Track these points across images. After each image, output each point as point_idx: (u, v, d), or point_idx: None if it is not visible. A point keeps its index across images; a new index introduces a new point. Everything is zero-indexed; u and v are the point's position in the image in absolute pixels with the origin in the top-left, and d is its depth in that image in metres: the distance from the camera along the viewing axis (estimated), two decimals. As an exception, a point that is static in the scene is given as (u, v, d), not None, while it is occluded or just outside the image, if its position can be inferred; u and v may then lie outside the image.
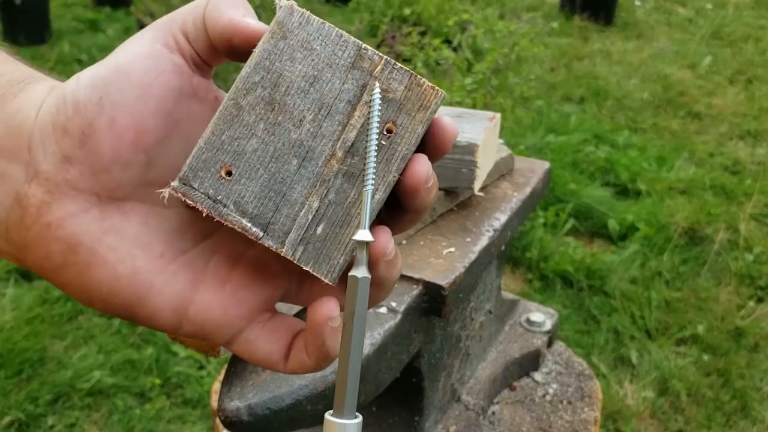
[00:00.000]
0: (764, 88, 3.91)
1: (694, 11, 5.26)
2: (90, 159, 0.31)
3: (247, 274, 0.34)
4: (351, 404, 0.30)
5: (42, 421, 1.70)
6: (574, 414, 0.86)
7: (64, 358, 1.86)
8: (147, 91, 0.32)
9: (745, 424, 1.83)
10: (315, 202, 0.32)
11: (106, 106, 0.31)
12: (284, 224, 0.32)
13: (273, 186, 0.32)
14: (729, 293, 2.30)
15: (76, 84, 0.32)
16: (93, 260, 0.32)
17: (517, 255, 2.39)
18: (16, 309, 2.01)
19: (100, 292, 0.32)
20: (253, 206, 0.32)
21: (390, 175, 0.32)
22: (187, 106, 0.33)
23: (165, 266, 0.33)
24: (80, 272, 0.32)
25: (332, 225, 0.32)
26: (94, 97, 0.31)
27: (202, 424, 1.72)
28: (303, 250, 0.32)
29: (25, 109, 0.32)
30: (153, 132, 0.32)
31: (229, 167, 0.32)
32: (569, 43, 4.44)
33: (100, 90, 0.31)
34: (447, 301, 0.64)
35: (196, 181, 0.32)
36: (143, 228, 0.33)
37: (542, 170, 0.89)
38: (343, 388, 0.30)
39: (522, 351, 0.91)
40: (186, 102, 0.33)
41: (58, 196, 0.31)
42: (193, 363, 1.88)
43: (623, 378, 1.95)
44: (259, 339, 0.34)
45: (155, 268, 0.33)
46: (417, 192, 0.32)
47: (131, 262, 0.32)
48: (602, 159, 2.95)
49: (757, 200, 2.75)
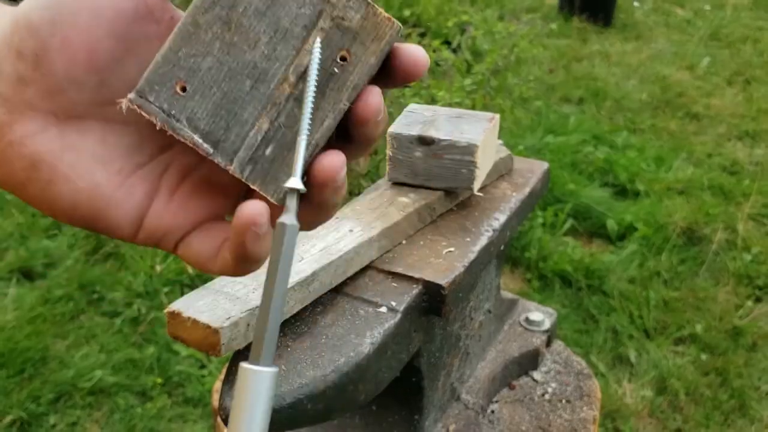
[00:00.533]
0: (762, 89, 3.92)
1: (692, 12, 5.27)
2: (45, 80, 0.32)
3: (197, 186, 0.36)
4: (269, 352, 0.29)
5: (44, 420, 1.71)
6: (573, 413, 0.87)
7: (65, 358, 1.87)
8: (99, 12, 0.32)
9: (743, 423, 1.83)
10: (265, 123, 0.33)
11: (58, 27, 0.32)
12: (234, 143, 0.33)
13: (225, 105, 0.33)
14: (727, 293, 2.31)
15: (29, 5, 0.32)
16: (54, 176, 0.33)
17: (516, 255, 2.40)
18: (18, 308, 2.02)
19: (62, 206, 0.34)
20: (205, 123, 0.33)
21: (341, 104, 0.32)
22: (141, 26, 0.34)
23: (123, 180, 0.34)
24: (43, 188, 0.33)
25: (281, 147, 0.33)
26: (46, 16, 0.32)
27: (203, 423, 1.73)
28: (251, 170, 0.33)
29: None
30: (106, 52, 0.33)
31: (184, 83, 0.33)
32: (568, 45, 4.45)
33: (53, 11, 0.32)
34: (447, 300, 0.65)
35: (152, 94, 0.33)
36: (101, 144, 0.34)
37: (541, 171, 0.90)
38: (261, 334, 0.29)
39: (521, 350, 0.92)
40: (141, 23, 0.33)
41: (17, 116, 0.33)
42: (195, 362, 1.89)
43: (622, 377, 1.96)
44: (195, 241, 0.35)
45: (114, 183, 0.34)
46: (366, 122, 0.32)
47: (91, 177, 0.34)
48: (601, 159, 2.96)
49: (755, 200, 2.76)
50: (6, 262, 2.23)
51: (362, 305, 0.63)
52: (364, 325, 0.61)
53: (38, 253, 2.26)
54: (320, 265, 0.62)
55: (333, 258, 0.63)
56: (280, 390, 0.55)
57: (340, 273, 0.65)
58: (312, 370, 0.56)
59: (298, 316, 0.61)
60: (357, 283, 0.66)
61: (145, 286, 2.14)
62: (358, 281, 0.66)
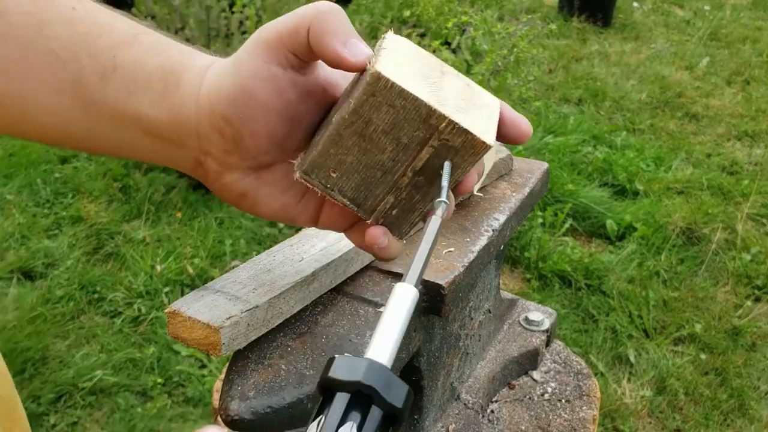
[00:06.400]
0: (761, 89, 3.93)
1: (691, 13, 5.27)
2: (241, 153, 0.47)
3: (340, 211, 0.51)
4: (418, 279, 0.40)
5: (44, 419, 1.71)
6: (572, 412, 0.87)
7: (66, 357, 1.88)
8: (273, 108, 0.45)
9: (742, 422, 1.84)
10: (391, 199, 0.48)
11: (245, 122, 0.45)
12: (371, 206, 0.48)
13: (364, 185, 0.47)
14: (726, 293, 2.31)
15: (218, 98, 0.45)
16: (256, 202, 0.50)
17: (516, 255, 2.41)
18: (19, 308, 2.02)
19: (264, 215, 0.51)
20: (350, 193, 0.48)
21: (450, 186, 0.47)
22: (304, 104, 0.47)
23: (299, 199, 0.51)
24: (250, 208, 0.50)
25: (403, 212, 0.49)
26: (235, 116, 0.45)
27: (203, 422, 1.73)
28: (383, 222, 0.49)
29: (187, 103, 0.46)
30: (282, 131, 0.47)
31: (335, 170, 0.46)
32: (567, 45, 4.45)
33: (238, 109, 0.45)
34: (446, 300, 0.65)
35: (313, 174, 0.47)
36: (285, 179, 0.49)
37: (541, 171, 0.90)
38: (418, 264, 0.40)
39: (520, 350, 0.92)
40: (302, 103, 0.46)
41: (226, 169, 0.48)
42: (195, 362, 1.89)
43: (621, 377, 1.96)
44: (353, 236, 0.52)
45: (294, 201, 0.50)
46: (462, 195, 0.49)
47: (279, 201, 0.50)
48: (600, 159, 2.96)
49: (754, 200, 2.76)
50: (7, 261, 2.23)
51: (362, 305, 0.63)
52: (364, 325, 0.61)
53: (39, 253, 2.26)
54: (320, 265, 0.62)
55: (333, 258, 0.63)
56: (281, 389, 0.55)
57: (340, 273, 0.65)
58: (312, 370, 0.56)
59: (298, 315, 0.61)
60: (357, 283, 0.66)
61: (145, 286, 2.14)
62: (358, 281, 0.67)
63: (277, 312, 0.57)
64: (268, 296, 0.56)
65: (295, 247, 0.65)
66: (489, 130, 0.45)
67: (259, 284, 0.58)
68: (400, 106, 0.43)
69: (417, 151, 0.45)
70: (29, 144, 3.00)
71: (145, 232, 2.41)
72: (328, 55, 0.43)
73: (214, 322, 0.53)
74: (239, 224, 2.48)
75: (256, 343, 0.57)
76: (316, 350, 0.58)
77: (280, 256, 0.63)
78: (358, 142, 0.45)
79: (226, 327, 0.53)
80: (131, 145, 0.49)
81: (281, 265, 0.62)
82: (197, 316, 0.53)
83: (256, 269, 0.61)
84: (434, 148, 0.45)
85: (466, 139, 0.44)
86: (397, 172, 0.46)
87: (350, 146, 0.45)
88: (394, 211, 0.48)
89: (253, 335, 0.56)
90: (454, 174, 0.46)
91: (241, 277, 0.59)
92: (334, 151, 0.45)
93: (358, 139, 0.45)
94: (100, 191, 2.63)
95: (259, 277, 0.59)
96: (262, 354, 0.57)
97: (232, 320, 0.53)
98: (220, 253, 2.32)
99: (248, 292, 0.57)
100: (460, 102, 0.45)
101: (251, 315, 0.55)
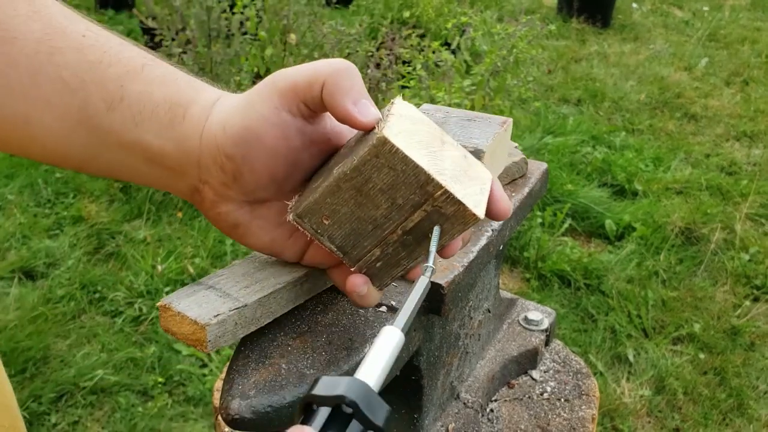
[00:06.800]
0: (760, 89, 3.93)
1: (690, 13, 5.28)
2: (240, 187, 0.49)
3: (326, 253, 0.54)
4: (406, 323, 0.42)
5: (45, 419, 1.72)
6: (571, 412, 0.88)
7: (67, 357, 1.88)
8: (278, 152, 0.48)
9: (741, 422, 1.84)
10: (378, 251, 0.50)
11: (247, 160, 0.47)
12: (357, 256, 0.51)
13: (353, 235, 0.49)
14: (725, 292, 2.32)
15: (223, 135, 0.47)
16: (247, 234, 0.52)
17: (516, 254, 2.41)
18: (20, 308, 2.03)
19: (253, 247, 0.53)
20: (339, 241, 0.50)
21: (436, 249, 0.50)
22: (307, 151, 0.49)
23: (289, 236, 0.53)
24: (240, 238, 0.52)
25: (387, 266, 0.51)
26: (238, 154, 0.47)
27: (204, 421, 1.74)
28: (365, 272, 0.51)
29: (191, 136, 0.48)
30: (282, 173, 0.49)
31: (327, 218, 0.49)
32: (567, 46, 4.46)
33: (243, 148, 0.47)
34: (446, 299, 0.66)
35: (306, 219, 0.49)
36: (278, 216, 0.52)
37: (540, 171, 0.90)
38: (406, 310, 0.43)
39: (520, 349, 0.92)
40: (306, 149, 0.49)
41: (222, 199, 0.50)
42: (195, 361, 1.90)
43: (620, 376, 1.97)
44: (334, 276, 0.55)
45: (284, 237, 0.53)
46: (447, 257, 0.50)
47: (271, 235, 0.52)
48: (599, 160, 2.97)
49: (753, 200, 2.77)
50: (8, 261, 2.24)
51: (363, 305, 0.64)
52: (364, 325, 0.61)
53: (40, 252, 2.27)
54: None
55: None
56: (282, 389, 0.55)
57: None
58: (312, 369, 0.56)
59: (298, 315, 0.61)
60: (357, 283, 0.67)
61: (146, 285, 2.15)
62: (358, 281, 0.67)
63: (267, 311, 0.58)
64: (258, 295, 0.56)
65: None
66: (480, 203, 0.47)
67: (252, 282, 0.58)
68: (401, 170, 0.46)
69: (410, 212, 0.47)
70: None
71: (145, 231, 2.41)
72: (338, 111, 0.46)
73: (201, 319, 0.53)
74: (239, 224, 2.48)
75: (256, 343, 0.58)
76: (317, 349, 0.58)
77: None
78: (355, 196, 0.47)
79: (213, 325, 0.53)
80: (132, 170, 0.50)
81: (276, 263, 0.62)
82: (186, 311, 0.53)
83: (251, 267, 0.61)
84: (427, 212, 0.47)
85: (458, 209, 0.46)
86: (387, 229, 0.49)
87: (347, 199, 0.48)
88: (379, 263, 0.51)
89: (241, 333, 0.56)
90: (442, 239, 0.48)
91: (236, 274, 0.60)
92: (330, 201, 0.48)
93: (355, 193, 0.47)
94: (101, 191, 2.63)
95: (253, 275, 0.59)
96: (263, 353, 0.57)
97: (219, 318, 0.53)
98: (221, 253, 2.33)
99: (239, 290, 0.57)
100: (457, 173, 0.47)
101: (239, 313, 0.55)
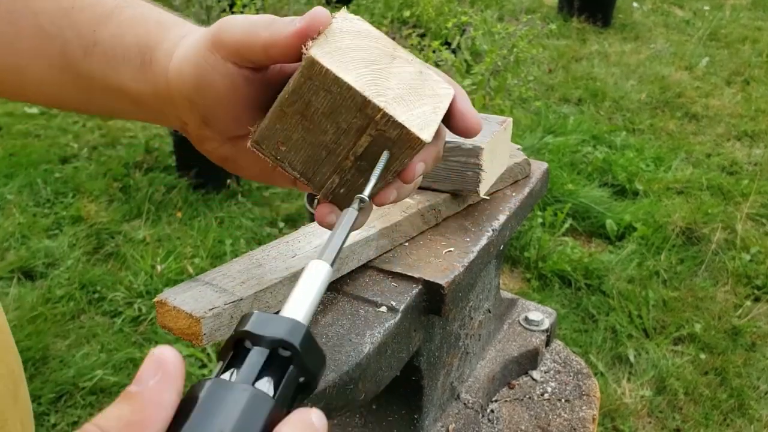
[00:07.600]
0: (761, 89, 3.93)
1: (691, 13, 5.27)
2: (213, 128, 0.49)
3: None
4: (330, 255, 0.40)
5: (44, 419, 1.71)
6: (572, 412, 0.87)
7: (66, 357, 1.88)
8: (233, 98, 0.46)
9: (742, 422, 1.84)
10: (336, 179, 0.48)
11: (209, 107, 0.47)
12: (319, 182, 0.49)
13: (311, 161, 0.48)
14: (726, 292, 2.31)
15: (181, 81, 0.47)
16: (236, 166, 0.53)
17: (516, 254, 2.41)
18: (19, 308, 2.02)
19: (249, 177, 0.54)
20: (300, 167, 0.48)
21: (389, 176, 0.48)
22: (264, 95, 0.47)
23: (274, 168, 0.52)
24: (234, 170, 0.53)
25: (351, 191, 0.49)
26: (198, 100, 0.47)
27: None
28: (332, 198, 0.50)
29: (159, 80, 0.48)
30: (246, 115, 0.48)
31: (283, 143, 0.47)
32: (567, 45, 4.45)
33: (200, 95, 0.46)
34: (446, 299, 0.65)
35: (263, 145, 0.48)
36: None
37: (540, 171, 0.90)
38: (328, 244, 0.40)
39: (520, 349, 0.92)
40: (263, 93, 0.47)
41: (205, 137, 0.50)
42: (195, 361, 1.89)
43: (621, 376, 1.97)
44: None
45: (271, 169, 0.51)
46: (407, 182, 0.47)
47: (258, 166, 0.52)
48: (600, 159, 2.96)
49: (754, 200, 2.77)
50: (7, 261, 2.23)
51: (362, 305, 0.64)
52: (364, 325, 0.61)
53: (39, 252, 2.26)
54: (312, 261, 0.62)
55: (329, 256, 0.63)
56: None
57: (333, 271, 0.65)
58: (313, 369, 0.56)
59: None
60: (357, 283, 0.67)
61: (145, 285, 2.14)
62: (358, 281, 0.67)
63: (263, 305, 0.58)
64: (255, 290, 0.57)
65: (291, 244, 0.65)
66: (430, 124, 0.44)
67: (249, 278, 0.58)
68: (337, 93, 0.43)
69: (356, 137, 0.45)
70: (30, 144, 3.00)
71: (145, 231, 2.41)
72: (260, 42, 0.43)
73: (197, 312, 0.53)
74: (239, 224, 2.48)
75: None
76: (317, 350, 0.58)
77: (274, 251, 0.64)
78: (301, 121, 0.45)
79: (208, 318, 0.53)
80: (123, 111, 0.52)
81: (273, 260, 0.62)
82: (182, 306, 0.53)
83: (248, 263, 0.61)
84: (372, 136, 0.45)
85: (401, 132, 0.43)
86: (340, 155, 0.47)
87: (294, 124, 0.46)
88: (341, 189, 0.49)
89: None
90: (393, 164, 0.46)
91: (232, 271, 0.60)
92: (280, 126, 0.46)
93: (300, 118, 0.45)
94: (100, 191, 2.63)
95: (250, 271, 0.59)
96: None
97: (215, 311, 0.53)
98: (221, 253, 2.32)
99: (236, 285, 0.57)
100: (404, 92, 0.44)
101: (235, 307, 0.55)
